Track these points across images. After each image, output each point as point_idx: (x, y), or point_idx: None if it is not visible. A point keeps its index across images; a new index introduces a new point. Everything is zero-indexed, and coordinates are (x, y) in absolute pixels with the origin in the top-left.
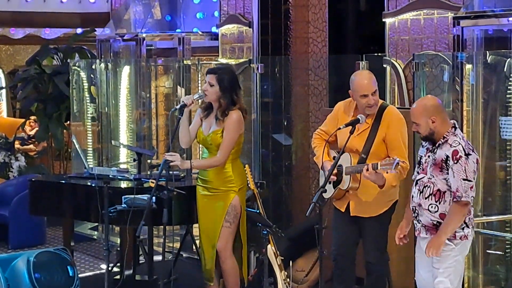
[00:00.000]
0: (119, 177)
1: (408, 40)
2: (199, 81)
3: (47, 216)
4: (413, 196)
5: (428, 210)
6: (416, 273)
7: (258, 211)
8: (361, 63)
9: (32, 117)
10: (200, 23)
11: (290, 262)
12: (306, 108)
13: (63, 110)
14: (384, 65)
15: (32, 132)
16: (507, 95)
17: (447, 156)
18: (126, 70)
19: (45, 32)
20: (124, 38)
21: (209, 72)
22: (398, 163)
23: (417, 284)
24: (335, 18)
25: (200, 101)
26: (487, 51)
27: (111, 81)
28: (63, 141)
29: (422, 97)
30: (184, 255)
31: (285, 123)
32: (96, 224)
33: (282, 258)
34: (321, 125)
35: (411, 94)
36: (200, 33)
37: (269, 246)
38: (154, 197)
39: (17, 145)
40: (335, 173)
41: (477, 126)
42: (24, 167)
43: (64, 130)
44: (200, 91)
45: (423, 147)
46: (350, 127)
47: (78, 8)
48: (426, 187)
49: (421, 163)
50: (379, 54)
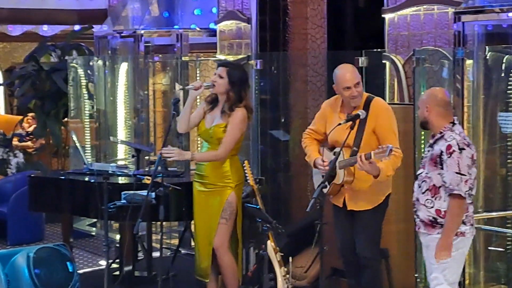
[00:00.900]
0: (118, 173)
1: (407, 36)
2: (198, 78)
3: (46, 212)
4: (413, 191)
5: (425, 205)
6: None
7: (258, 206)
8: (360, 59)
9: (30, 114)
10: (198, 19)
11: (290, 258)
12: (305, 105)
13: (61, 107)
14: (384, 61)
15: (30, 129)
16: (508, 91)
17: (441, 151)
18: (124, 67)
19: (42, 29)
20: (122, 34)
21: (220, 65)
22: (391, 149)
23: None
24: (333, 14)
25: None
26: (486, 47)
27: (109, 78)
28: (61, 138)
29: (434, 87)
30: (182, 251)
31: (283, 119)
32: (95, 220)
33: (282, 254)
34: (310, 124)
35: (411, 90)
36: (198, 29)
37: (268, 242)
38: (153, 193)
39: (15, 142)
40: (328, 168)
41: (478, 122)
42: (22, 164)
43: (62, 127)
44: (209, 81)
45: (428, 142)
46: (348, 123)
47: (76, 5)
48: (424, 182)
49: (422, 158)
50: (379, 50)
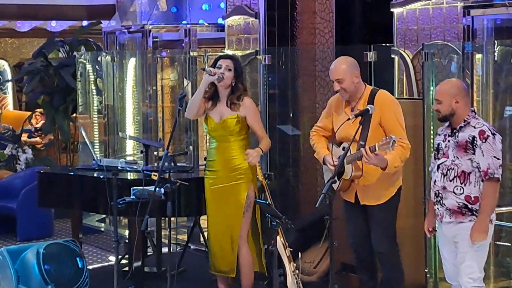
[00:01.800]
0: (128, 169)
1: (416, 30)
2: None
3: (56, 208)
4: (435, 181)
5: (454, 192)
6: (444, 267)
7: (267, 202)
8: (368, 54)
9: (39, 110)
10: (206, 14)
11: (299, 253)
12: (313, 99)
13: (69, 102)
14: (392, 56)
15: (39, 125)
16: None
17: (473, 137)
18: (132, 62)
19: (51, 25)
20: (130, 30)
21: (225, 58)
22: (394, 140)
23: (446, 276)
24: (342, 8)
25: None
26: (495, 41)
27: (117, 73)
28: (70, 134)
29: (450, 78)
30: (192, 247)
31: (292, 114)
32: (104, 216)
33: (291, 249)
34: (318, 120)
35: (419, 85)
36: (206, 24)
37: (278, 237)
38: (162, 189)
39: (24, 137)
40: (336, 165)
41: (488, 116)
42: (31, 160)
43: (71, 123)
44: (219, 75)
45: (439, 135)
46: (355, 119)
47: (84, 0)
48: (450, 170)
49: (440, 149)
50: (387, 44)
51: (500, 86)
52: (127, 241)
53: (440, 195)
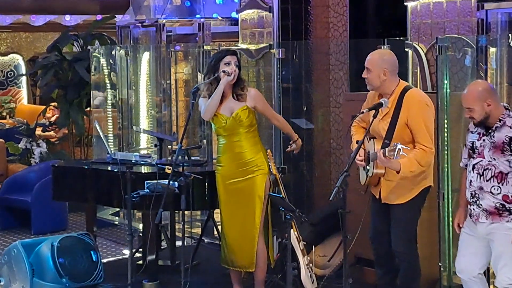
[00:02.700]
0: (142, 162)
1: (430, 24)
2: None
3: (70, 202)
4: (471, 181)
5: (491, 192)
6: (459, 259)
7: (281, 195)
8: (382, 47)
9: (53, 104)
10: (219, 8)
11: (313, 247)
12: (327, 93)
13: (83, 96)
14: (406, 49)
15: (53, 119)
16: None
17: (511, 138)
18: (146, 56)
19: (65, 19)
20: (144, 24)
21: (231, 54)
22: (400, 149)
23: (457, 269)
24: (355, 2)
25: (205, 90)
26: (510, 34)
27: (131, 68)
28: (84, 127)
29: (473, 81)
30: (206, 240)
31: (306, 108)
32: (118, 209)
33: (305, 243)
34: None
35: (433, 78)
36: (220, 18)
37: (291, 230)
38: (176, 183)
39: (38, 131)
40: (365, 159)
41: None
42: (45, 154)
43: (85, 116)
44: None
45: (472, 133)
46: (373, 112)
47: None
48: (487, 170)
49: (475, 148)
50: (401, 38)
51: None
52: (141, 234)
53: (476, 195)
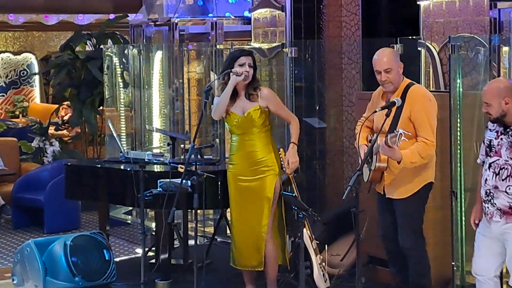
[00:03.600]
0: (155, 161)
1: (443, 23)
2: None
3: (83, 200)
4: (486, 180)
5: (506, 192)
6: (475, 260)
7: (294, 194)
8: (395, 46)
9: (66, 103)
10: (232, 7)
11: (326, 246)
12: (339, 92)
13: (96, 95)
14: (419, 48)
15: (66, 118)
16: None
17: None
18: (158, 55)
19: (78, 18)
20: (157, 23)
21: (246, 54)
22: (401, 134)
23: (473, 269)
24: (368, 1)
25: (219, 89)
26: None
27: (143, 67)
28: (96, 126)
29: (496, 78)
30: (218, 239)
31: (318, 107)
32: (130, 208)
33: (318, 242)
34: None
35: (446, 77)
36: (233, 17)
37: (304, 230)
38: (188, 182)
39: (51, 130)
40: (364, 156)
41: None
42: (58, 152)
43: (97, 115)
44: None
45: (491, 130)
46: (386, 110)
47: None
48: (503, 169)
49: (492, 146)
50: (414, 37)
51: None
52: (153, 233)
53: (491, 194)
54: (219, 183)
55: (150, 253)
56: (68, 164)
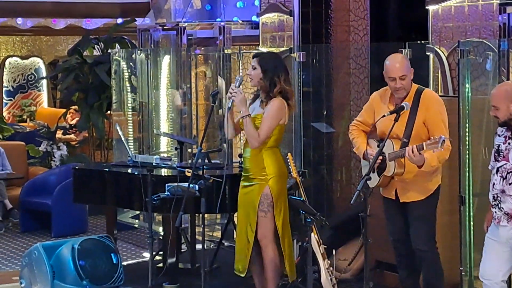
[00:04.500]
0: (162, 165)
1: (452, 28)
2: (240, 71)
3: (91, 204)
4: (494, 184)
5: None
6: (483, 264)
7: (302, 198)
8: (403, 51)
9: (73, 107)
10: (240, 12)
11: (333, 250)
12: (347, 97)
13: (104, 99)
14: (428, 53)
15: (73, 122)
16: None
17: None
18: (166, 60)
19: (86, 23)
20: (164, 27)
21: (254, 56)
22: (444, 140)
23: (481, 273)
24: (376, 6)
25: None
26: None
27: (151, 71)
28: (104, 131)
29: (504, 81)
30: (225, 243)
31: (326, 112)
32: (138, 212)
33: (325, 246)
34: (357, 116)
35: (455, 82)
36: (241, 22)
37: (312, 234)
38: (196, 186)
39: (58, 134)
40: (379, 160)
41: None
42: (65, 156)
43: (105, 120)
44: (238, 77)
45: (499, 136)
46: (394, 115)
47: None
48: (510, 174)
49: (500, 151)
50: (422, 41)
51: None
52: (161, 237)
53: (498, 198)
54: (226, 187)
55: (158, 257)
56: (76, 168)
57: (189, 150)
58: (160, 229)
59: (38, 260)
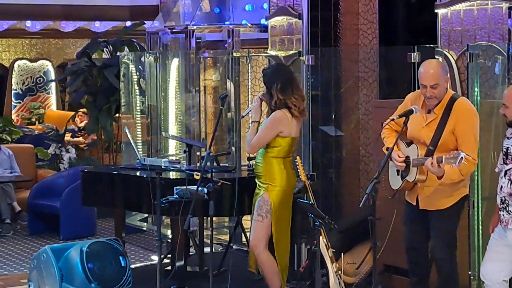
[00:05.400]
0: (171, 168)
1: (461, 31)
2: (249, 74)
3: (99, 207)
4: (502, 187)
5: None
6: (485, 264)
7: (310, 202)
8: (412, 55)
9: (82, 110)
10: (249, 15)
11: (342, 254)
12: (356, 100)
13: (112, 102)
14: (436, 57)
15: (82, 125)
16: None
17: None
18: (175, 63)
19: (95, 25)
20: (173, 30)
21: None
22: (462, 157)
23: (482, 273)
24: (385, 9)
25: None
26: None
27: (160, 74)
28: (113, 134)
29: None
30: (234, 246)
31: (334, 115)
32: (146, 215)
33: (334, 250)
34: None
35: (463, 86)
36: (250, 25)
37: (320, 237)
38: (205, 189)
39: (67, 137)
40: (403, 163)
41: None
42: (74, 159)
43: (114, 123)
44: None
45: (508, 138)
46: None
47: (128, 1)
48: None
49: (509, 153)
50: (431, 45)
51: None
52: (169, 240)
53: (506, 201)
54: (235, 190)
55: (166, 260)
56: (85, 170)
57: (198, 153)
58: (169, 232)
59: (47, 262)
